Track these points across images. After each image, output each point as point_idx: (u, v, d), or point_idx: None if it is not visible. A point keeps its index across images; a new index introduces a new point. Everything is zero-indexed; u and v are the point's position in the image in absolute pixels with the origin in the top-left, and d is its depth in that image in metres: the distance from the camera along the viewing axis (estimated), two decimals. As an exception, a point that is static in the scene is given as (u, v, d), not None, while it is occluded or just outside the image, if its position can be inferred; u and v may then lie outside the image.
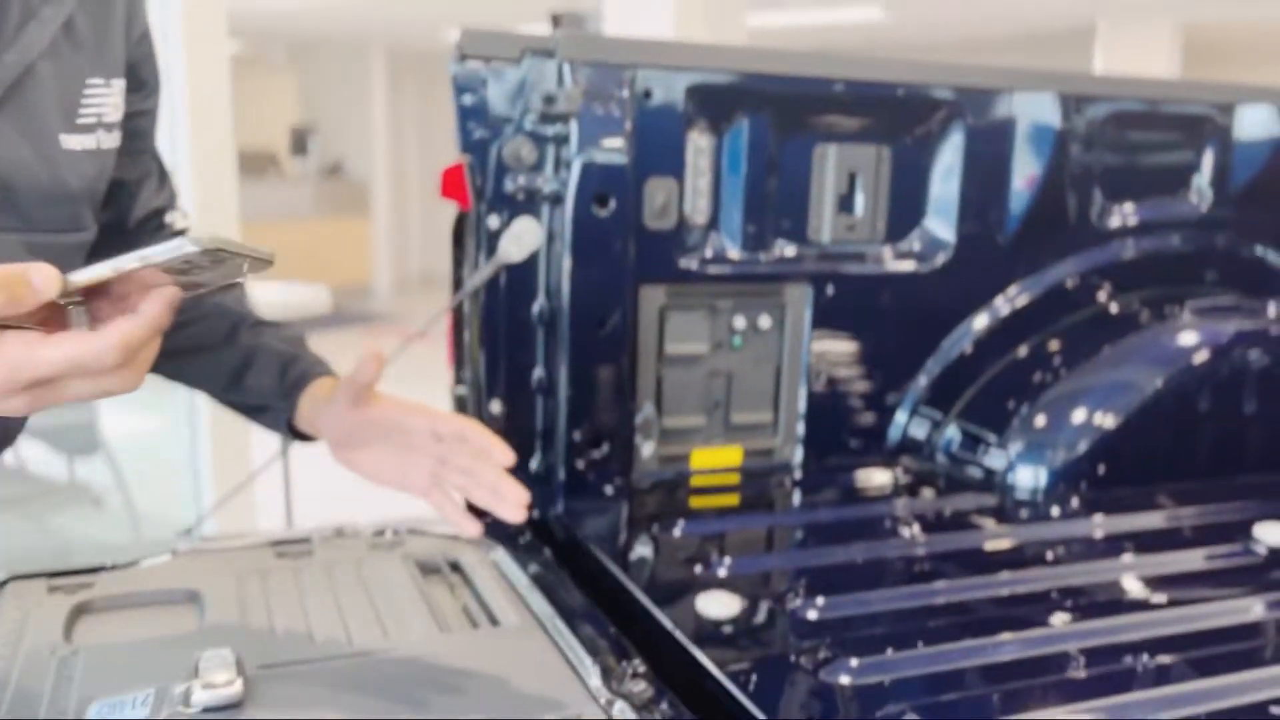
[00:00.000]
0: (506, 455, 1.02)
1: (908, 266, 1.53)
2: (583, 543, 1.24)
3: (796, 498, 1.49)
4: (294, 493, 3.87)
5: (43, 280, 0.64)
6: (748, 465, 1.51)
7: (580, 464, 1.37)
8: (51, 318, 0.68)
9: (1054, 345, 1.62)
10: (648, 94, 1.34)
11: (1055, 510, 1.44)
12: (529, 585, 1.09)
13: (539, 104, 1.28)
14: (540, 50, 1.28)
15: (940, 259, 1.54)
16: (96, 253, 0.96)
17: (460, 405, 1.38)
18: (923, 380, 1.59)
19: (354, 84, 11.85)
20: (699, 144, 1.40)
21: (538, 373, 1.36)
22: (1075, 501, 1.46)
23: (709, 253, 1.43)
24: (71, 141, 0.92)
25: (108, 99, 0.95)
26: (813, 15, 8.12)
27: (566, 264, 1.30)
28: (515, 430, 1.36)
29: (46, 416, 3.38)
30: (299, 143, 12.09)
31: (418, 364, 1.70)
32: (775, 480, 1.51)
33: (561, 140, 1.30)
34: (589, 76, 1.28)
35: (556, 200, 1.31)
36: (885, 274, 1.52)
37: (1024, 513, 1.44)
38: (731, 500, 1.48)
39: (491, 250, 1.28)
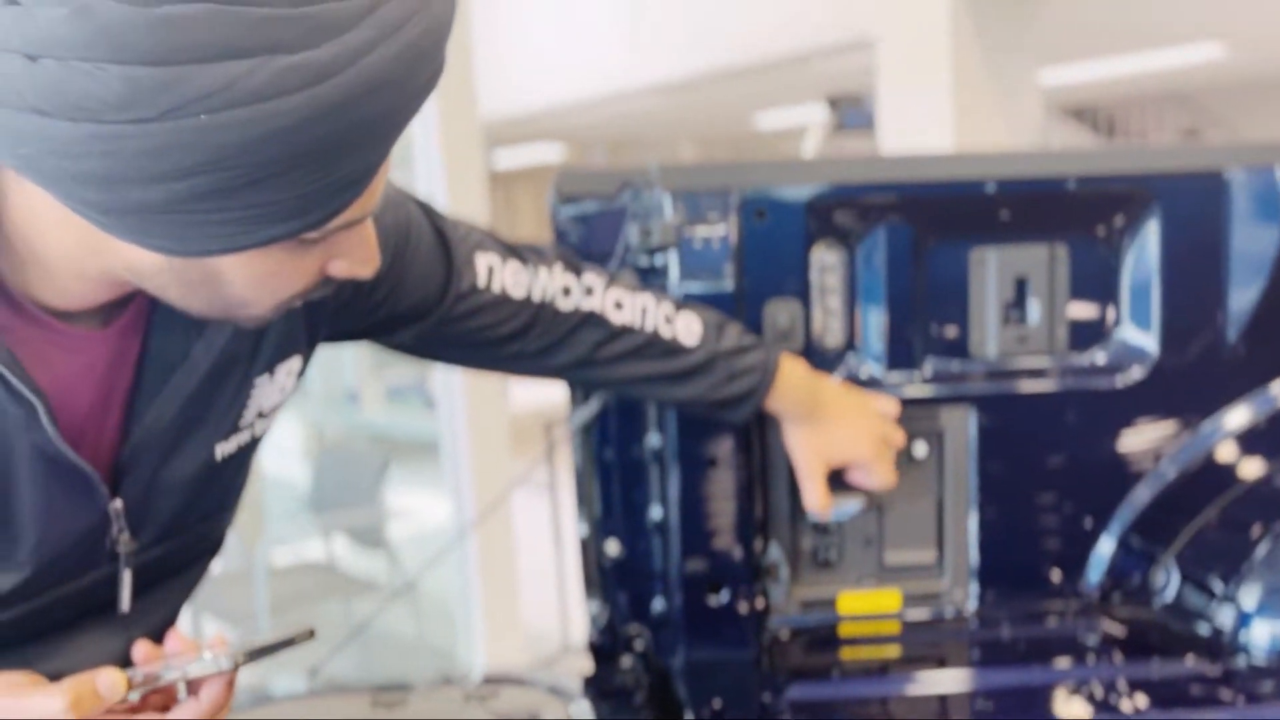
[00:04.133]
0: None
1: (1099, 381, 1.31)
2: (681, 706, 1.15)
3: (964, 653, 1.30)
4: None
5: (108, 687, 0.69)
6: (908, 612, 1.34)
7: (702, 611, 1.27)
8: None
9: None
10: (760, 214, 1.25)
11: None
12: None
13: (637, 238, 1.23)
14: (638, 184, 1.24)
15: (1139, 370, 1.31)
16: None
17: (582, 545, 1.34)
18: (1129, 510, 1.34)
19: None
20: (825, 260, 1.29)
21: (654, 511, 1.30)
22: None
23: (844, 375, 1.30)
24: (227, 446, 0.84)
25: (268, 387, 0.86)
26: (1132, 63, 7.41)
27: None
28: (634, 572, 1.30)
29: (344, 517, 3.74)
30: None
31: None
32: (941, 630, 1.32)
33: (663, 271, 1.24)
34: (688, 205, 1.22)
35: (663, 333, 1.25)
36: (1071, 390, 1.31)
37: (1266, 686, 1.16)
38: (884, 654, 1.31)
39: None
